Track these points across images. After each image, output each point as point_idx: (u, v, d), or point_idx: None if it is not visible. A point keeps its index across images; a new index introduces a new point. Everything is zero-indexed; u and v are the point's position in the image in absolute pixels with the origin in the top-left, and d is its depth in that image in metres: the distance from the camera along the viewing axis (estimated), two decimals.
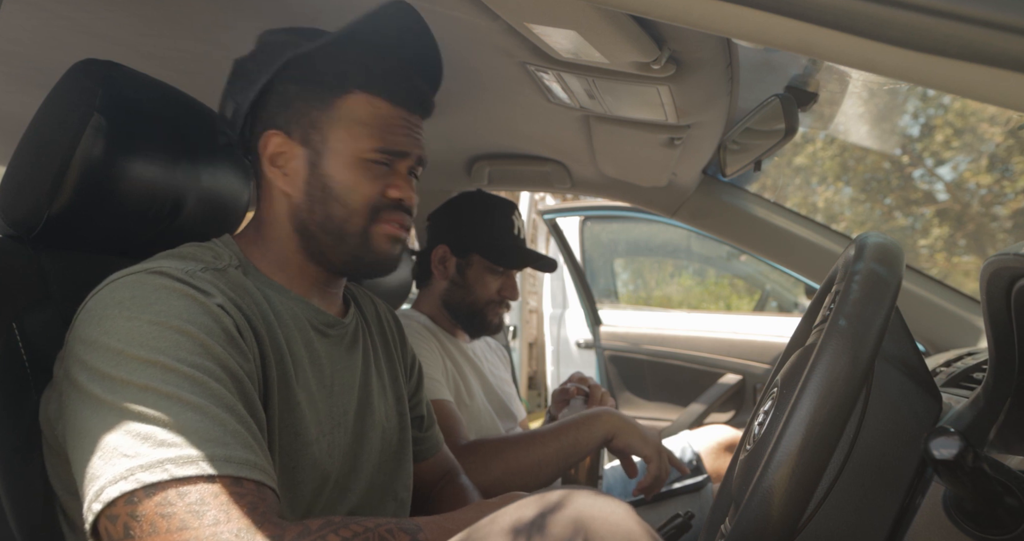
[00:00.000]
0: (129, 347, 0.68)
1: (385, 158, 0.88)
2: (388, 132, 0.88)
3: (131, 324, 0.70)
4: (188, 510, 0.63)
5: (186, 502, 0.63)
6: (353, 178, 0.87)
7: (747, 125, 1.34)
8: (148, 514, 0.62)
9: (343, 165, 0.87)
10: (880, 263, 0.64)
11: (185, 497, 0.63)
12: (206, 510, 0.63)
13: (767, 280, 3.97)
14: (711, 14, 0.60)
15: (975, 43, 0.51)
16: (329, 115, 0.88)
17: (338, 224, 0.88)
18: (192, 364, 0.69)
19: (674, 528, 1.18)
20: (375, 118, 0.88)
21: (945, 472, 0.61)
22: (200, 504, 0.63)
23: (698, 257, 5.18)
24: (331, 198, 0.87)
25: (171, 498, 0.63)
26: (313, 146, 0.88)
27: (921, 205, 8.81)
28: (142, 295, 0.72)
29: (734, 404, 2.55)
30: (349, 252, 0.89)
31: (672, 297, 7.78)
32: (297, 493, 0.81)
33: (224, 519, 0.63)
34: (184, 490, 0.63)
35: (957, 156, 8.44)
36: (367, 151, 0.87)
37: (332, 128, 0.88)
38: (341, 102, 0.88)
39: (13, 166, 0.84)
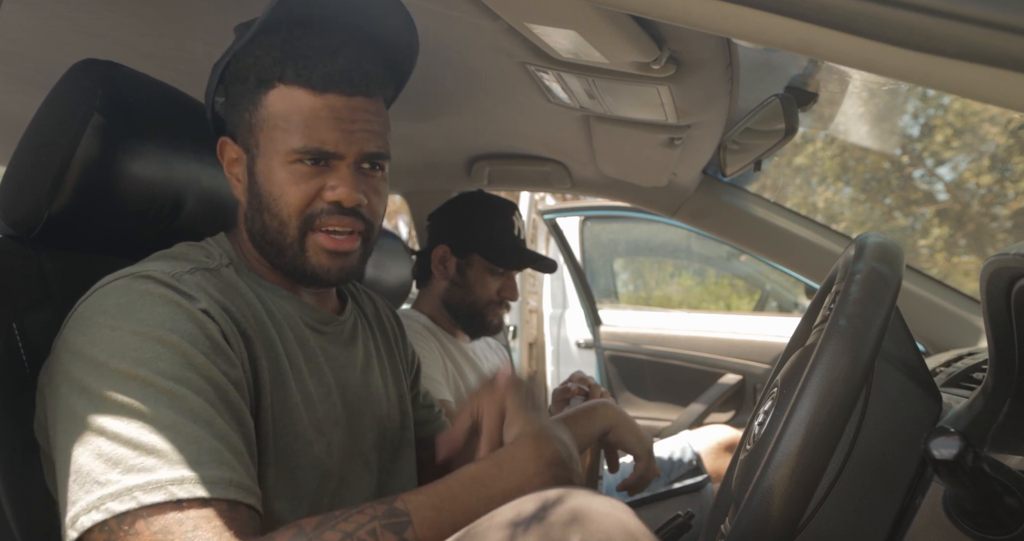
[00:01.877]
0: (111, 359, 0.68)
1: (311, 156, 0.80)
2: (312, 128, 0.79)
3: (114, 334, 0.69)
4: (153, 538, 0.63)
5: (152, 531, 0.63)
6: (279, 183, 0.81)
7: (747, 125, 1.34)
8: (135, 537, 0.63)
9: (270, 170, 0.81)
10: (880, 263, 0.64)
11: (152, 526, 0.63)
12: (171, 539, 0.63)
13: (767, 280, 3.97)
14: (711, 14, 0.60)
15: (975, 43, 0.51)
16: (258, 115, 0.82)
17: (273, 235, 0.83)
18: (172, 376, 0.68)
19: (674, 528, 1.18)
20: (295, 113, 0.79)
21: (945, 472, 0.61)
22: (164, 533, 0.63)
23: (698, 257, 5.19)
24: (263, 207, 0.83)
25: (139, 527, 0.63)
26: (250, 151, 0.83)
27: (921, 205, 8.81)
28: (127, 302, 0.72)
29: (734, 404, 2.55)
30: (289, 263, 0.84)
31: (672, 297, 7.79)
32: (299, 493, 0.81)
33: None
34: (151, 519, 0.63)
35: (957, 156, 8.44)
36: (288, 153, 0.80)
37: (260, 129, 0.82)
38: (265, 98, 0.81)
39: (13, 166, 0.84)
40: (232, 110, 0.85)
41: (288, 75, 0.80)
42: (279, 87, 0.80)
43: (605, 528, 0.58)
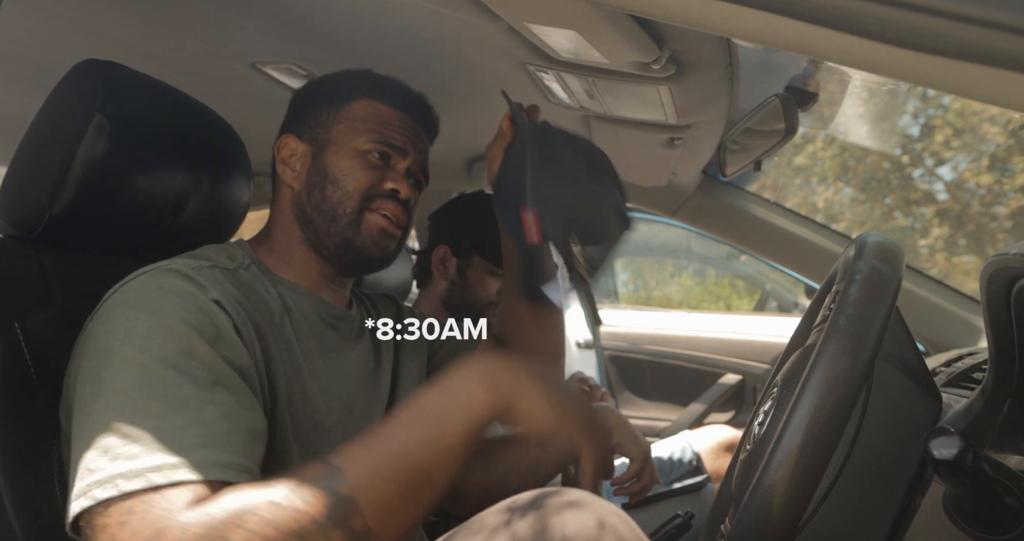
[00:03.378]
0: (122, 346, 0.70)
1: (382, 150, 0.94)
2: (385, 128, 0.95)
3: (129, 324, 0.72)
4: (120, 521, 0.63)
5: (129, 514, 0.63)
6: (350, 166, 0.93)
7: (747, 125, 1.34)
8: (107, 526, 0.64)
9: (343, 156, 0.93)
10: (880, 263, 0.64)
11: (130, 511, 0.64)
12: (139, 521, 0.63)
13: (767, 280, 3.96)
14: (711, 14, 0.60)
15: (975, 43, 0.51)
16: (336, 116, 0.95)
17: (332, 205, 0.92)
18: (171, 363, 0.70)
19: (674, 528, 1.18)
20: (375, 116, 0.95)
21: (945, 472, 0.61)
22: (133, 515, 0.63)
23: (698, 257, 5.19)
24: (328, 181, 0.93)
25: (118, 513, 0.64)
26: (318, 143, 0.95)
27: (921, 205, 8.81)
28: (146, 294, 0.75)
29: (734, 404, 2.55)
30: (339, 234, 0.92)
31: (672, 297, 7.79)
32: None
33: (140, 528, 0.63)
34: (129, 505, 0.64)
35: (957, 156, 8.44)
36: (365, 143, 0.94)
37: (336, 126, 0.95)
38: (349, 106, 0.96)
39: (14, 166, 0.84)
40: (305, 113, 0.97)
41: (374, 93, 0.97)
42: (362, 100, 0.96)
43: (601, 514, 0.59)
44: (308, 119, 0.97)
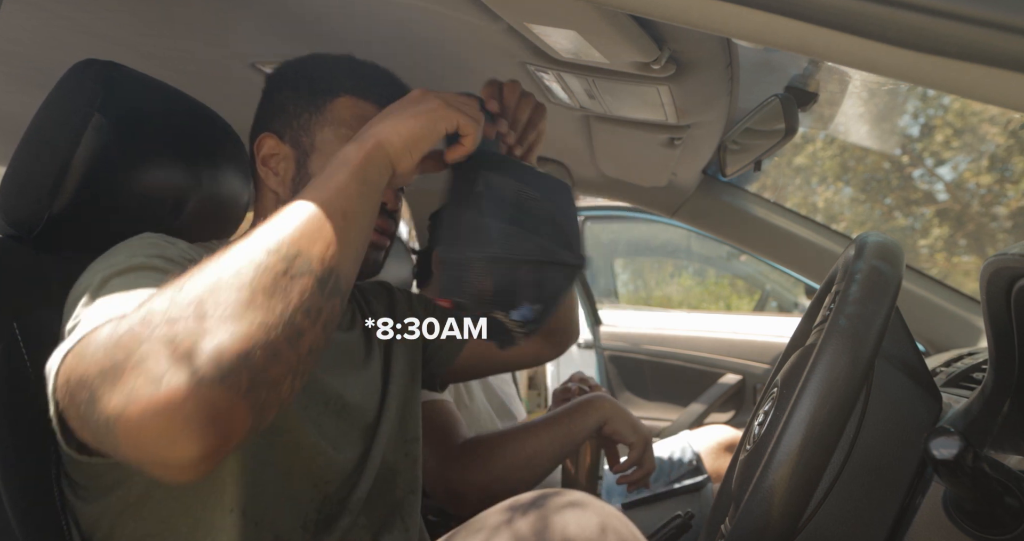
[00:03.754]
0: (110, 264, 0.68)
1: None
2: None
3: (103, 261, 0.70)
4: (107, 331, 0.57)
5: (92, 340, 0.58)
6: None
7: (747, 125, 1.34)
8: (66, 368, 0.58)
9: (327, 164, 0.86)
10: (880, 263, 0.64)
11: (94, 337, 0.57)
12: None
13: (767, 280, 3.97)
14: (711, 14, 0.60)
15: (975, 43, 0.51)
16: (319, 118, 0.91)
17: None
18: (148, 257, 0.69)
19: (674, 528, 1.18)
20: (360, 118, 0.89)
21: (945, 472, 0.61)
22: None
23: (698, 257, 5.19)
24: None
25: (74, 352, 0.58)
26: (302, 147, 0.91)
27: (921, 205, 8.81)
28: (120, 245, 0.73)
29: (734, 404, 2.55)
30: None
31: (672, 297, 7.79)
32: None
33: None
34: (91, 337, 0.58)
35: (957, 156, 8.44)
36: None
37: (320, 130, 0.91)
38: (331, 105, 0.91)
39: (13, 166, 0.84)
40: (284, 111, 0.93)
41: (357, 89, 0.91)
42: (345, 97, 0.91)
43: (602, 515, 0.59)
44: (289, 119, 0.93)
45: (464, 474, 1.20)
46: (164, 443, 0.51)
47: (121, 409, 0.51)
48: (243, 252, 0.58)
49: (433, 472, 1.17)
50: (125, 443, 0.52)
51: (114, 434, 0.52)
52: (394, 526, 0.94)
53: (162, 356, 0.51)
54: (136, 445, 0.52)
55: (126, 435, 0.51)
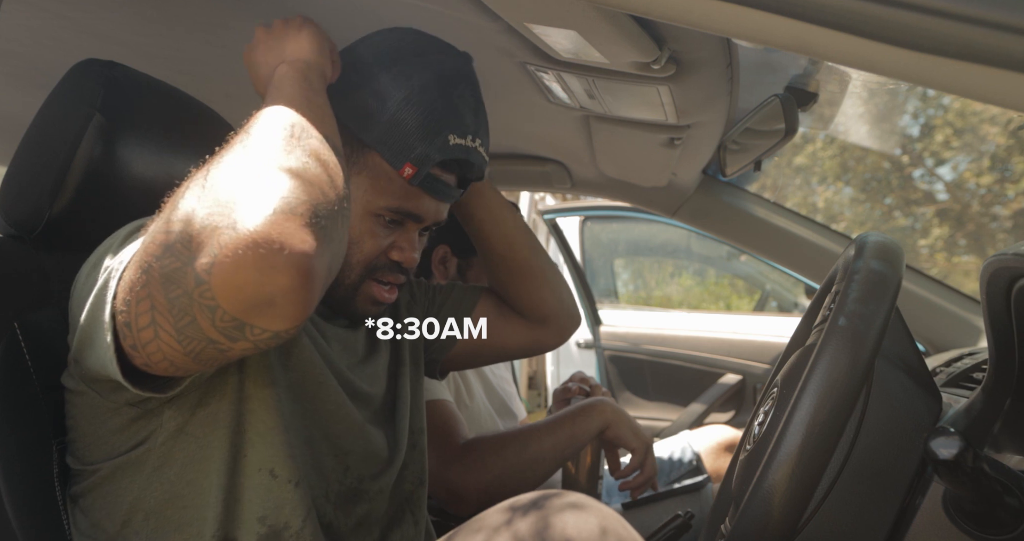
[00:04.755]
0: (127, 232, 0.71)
1: (397, 217, 0.87)
2: (409, 194, 0.85)
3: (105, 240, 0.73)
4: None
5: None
6: (359, 231, 0.86)
7: (747, 125, 1.34)
8: (123, 283, 0.62)
9: (355, 214, 0.85)
10: (880, 263, 0.64)
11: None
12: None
13: (767, 280, 3.96)
14: (711, 14, 0.60)
15: (975, 43, 0.51)
16: (356, 158, 0.85)
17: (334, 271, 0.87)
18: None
19: (674, 528, 1.18)
20: (397, 177, 0.84)
21: (945, 472, 0.61)
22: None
23: (698, 257, 5.18)
24: None
25: (125, 271, 0.63)
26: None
27: (921, 205, 8.81)
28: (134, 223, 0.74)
29: (734, 404, 2.55)
30: (335, 299, 0.89)
31: (672, 297, 7.78)
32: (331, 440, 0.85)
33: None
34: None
35: (957, 156, 8.44)
36: (380, 208, 0.85)
37: (357, 174, 0.85)
38: (371, 153, 0.85)
39: (14, 166, 0.84)
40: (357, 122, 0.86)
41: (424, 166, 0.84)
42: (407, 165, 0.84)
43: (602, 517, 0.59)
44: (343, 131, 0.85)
45: (465, 475, 1.20)
46: (264, 275, 0.55)
47: (211, 262, 0.55)
48: (253, 138, 0.66)
49: (434, 472, 1.17)
50: (225, 294, 0.56)
51: (210, 293, 0.56)
52: (404, 519, 0.95)
53: (226, 210, 0.56)
54: (238, 289, 0.55)
55: (224, 284, 0.55)
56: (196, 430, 0.74)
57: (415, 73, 0.84)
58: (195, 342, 0.59)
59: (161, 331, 0.59)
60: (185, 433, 0.74)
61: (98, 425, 0.73)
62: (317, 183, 0.62)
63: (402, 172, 0.83)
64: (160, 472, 0.74)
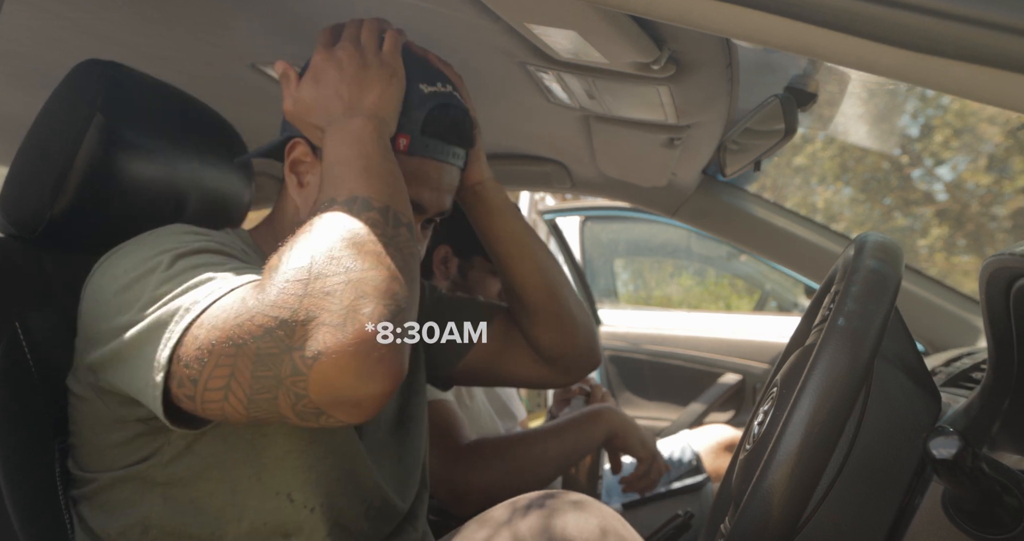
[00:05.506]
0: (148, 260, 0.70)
1: None
2: (414, 182, 0.82)
3: (141, 247, 0.73)
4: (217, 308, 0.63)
5: (228, 302, 0.63)
6: None
7: (747, 125, 1.34)
8: (200, 340, 0.63)
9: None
10: (879, 262, 0.65)
11: (226, 301, 0.64)
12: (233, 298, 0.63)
13: (767, 280, 3.96)
14: (711, 14, 0.60)
15: (975, 43, 0.51)
16: None
17: None
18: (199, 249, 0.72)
19: (674, 528, 1.18)
20: (404, 159, 0.81)
21: (944, 472, 0.61)
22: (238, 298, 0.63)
23: (698, 257, 5.18)
24: None
25: (215, 311, 0.63)
26: None
27: (920, 205, 8.81)
28: (143, 238, 0.75)
29: (734, 404, 2.55)
30: None
31: (672, 297, 7.78)
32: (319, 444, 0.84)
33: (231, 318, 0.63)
34: (224, 301, 0.64)
35: (956, 156, 8.44)
36: None
37: None
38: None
39: (16, 166, 0.85)
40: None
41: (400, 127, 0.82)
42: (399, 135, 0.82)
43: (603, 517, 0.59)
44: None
45: (468, 475, 1.20)
46: (361, 382, 0.59)
47: (313, 359, 0.58)
48: (331, 219, 0.66)
49: (435, 472, 1.17)
50: (319, 389, 0.59)
51: (304, 384, 0.59)
52: (404, 530, 0.94)
53: (332, 308, 0.59)
54: (333, 389, 0.59)
55: (321, 382, 0.59)
56: (205, 449, 0.74)
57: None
58: (264, 413, 0.61)
59: (232, 396, 0.61)
60: (193, 452, 0.74)
61: (101, 436, 0.73)
62: (411, 281, 0.65)
63: (397, 146, 0.81)
64: (167, 489, 0.74)
